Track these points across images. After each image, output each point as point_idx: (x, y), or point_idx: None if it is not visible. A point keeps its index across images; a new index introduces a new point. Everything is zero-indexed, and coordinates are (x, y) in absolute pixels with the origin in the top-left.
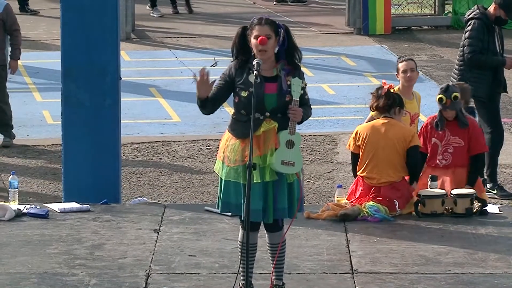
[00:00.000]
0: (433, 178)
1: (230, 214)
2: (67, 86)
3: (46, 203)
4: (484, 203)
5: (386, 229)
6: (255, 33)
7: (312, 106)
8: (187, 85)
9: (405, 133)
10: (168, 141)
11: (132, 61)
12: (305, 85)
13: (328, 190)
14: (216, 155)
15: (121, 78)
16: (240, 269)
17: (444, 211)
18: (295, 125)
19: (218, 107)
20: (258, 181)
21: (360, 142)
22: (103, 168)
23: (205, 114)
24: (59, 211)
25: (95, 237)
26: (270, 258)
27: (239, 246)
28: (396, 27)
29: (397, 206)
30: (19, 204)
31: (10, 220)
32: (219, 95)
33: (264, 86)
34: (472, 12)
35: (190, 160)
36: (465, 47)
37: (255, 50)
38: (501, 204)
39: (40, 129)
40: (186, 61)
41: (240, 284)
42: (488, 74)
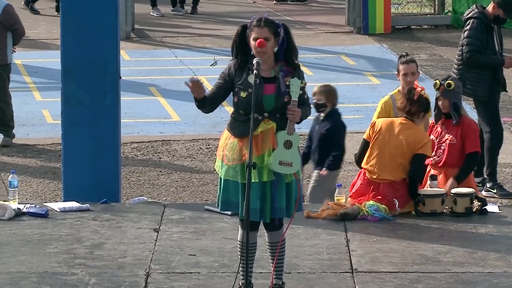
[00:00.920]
0: (433, 178)
1: (230, 213)
2: (67, 86)
3: (46, 202)
4: (484, 202)
5: (386, 228)
6: (254, 35)
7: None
8: None
9: (417, 138)
10: (168, 140)
11: (132, 60)
12: (305, 84)
13: None
14: (216, 153)
15: (121, 78)
16: (240, 268)
17: (444, 211)
18: (294, 126)
19: (217, 106)
20: (256, 180)
21: (373, 134)
22: (103, 167)
23: (205, 113)
24: (59, 210)
25: (95, 237)
26: (269, 257)
27: (238, 245)
28: (396, 26)
29: (397, 206)
30: (19, 203)
31: (10, 219)
32: (218, 94)
33: (263, 87)
34: (471, 11)
35: (190, 159)
36: (463, 47)
37: (254, 51)
38: (500, 203)
39: (40, 128)
40: (186, 60)
41: (240, 283)
42: (487, 73)
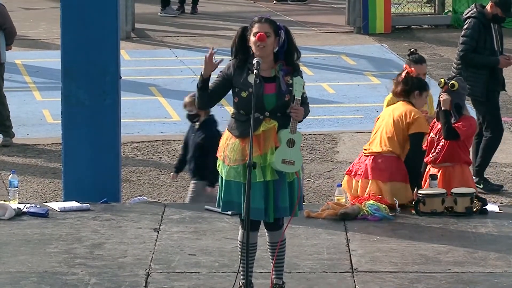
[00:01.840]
0: (433, 177)
1: (230, 213)
2: (67, 85)
3: (46, 202)
4: (484, 202)
5: (386, 228)
6: (255, 30)
7: (312, 105)
8: (187, 84)
9: (404, 112)
10: (168, 140)
11: (132, 60)
12: (304, 83)
13: (328, 189)
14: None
15: (121, 77)
16: (240, 268)
17: (444, 210)
18: (296, 124)
19: (214, 103)
20: (260, 180)
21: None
22: (103, 167)
23: (201, 106)
24: (59, 210)
25: (95, 236)
26: (270, 257)
27: (239, 245)
28: (396, 26)
29: (397, 205)
30: (19, 203)
31: (10, 219)
32: (216, 90)
33: (264, 86)
34: (470, 11)
35: None
36: (459, 45)
37: (254, 48)
38: (501, 203)
39: (40, 128)
40: (186, 60)
41: (240, 283)
42: (484, 73)
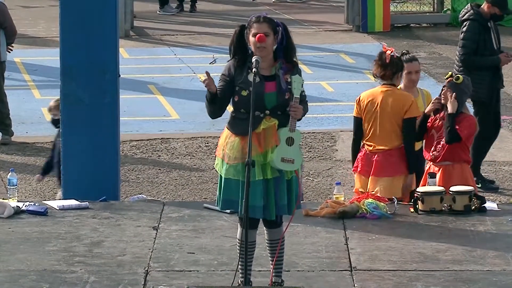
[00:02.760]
0: (432, 175)
1: (229, 212)
2: (66, 84)
3: (45, 200)
4: (482, 200)
5: (384, 227)
6: (254, 31)
7: (310, 104)
8: (186, 83)
9: (401, 103)
10: (167, 138)
11: (131, 58)
12: (303, 81)
13: (327, 188)
14: (216, 152)
15: (120, 76)
16: (239, 266)
17: (443, 208)
18: (295, 122)
19: (225, 108)
20: (260, 178)
21: (361, 110)
22: (102, 165)
23: (213, 116)
24: (58, 208)
25: (94, 234)
26: (269, 255)
27: (237, 243)
28: (395, 25)
29: (395, 203)
30: (18, 201)
31: (9, 217)
32: (223, 96)
33: (264, 85)
34: (466, 12)
35: (189, 157)
36: (459, 49)
37: (253, 48)
38: (499, 201)
39: (39, 126)
40: (185, 58)
41: (239, 281)
42: (488, 74)
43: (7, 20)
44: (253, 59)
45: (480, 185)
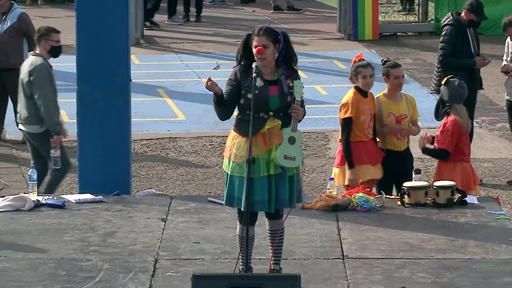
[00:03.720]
0: (417, 172)
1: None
2: (82, 88)
3: (62, 194)
4: (464, 194)
5: (374, 218)
6: (254, 43)
7: (306, 106)
8: (191, 86)
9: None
10: (175, 137)
11: (141, 64)
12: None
13: (321, 183)
14: (221, 151)
15: (131, 80)
16: (240, 256)
17: (427, 202)
18: (297, 123)
19: (233, 110)
20: (265, 174)
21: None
22: (115, 162)
23: (222, 118)
24: (74, 202)
25: (107, 226)
26: (269, 244)
27: (238, 239)
28: (383, 33)
29: (383, 197)
30: (37, 195)
31: (30, 210)
32: (230, 99)
33: (268, 88)
34: (447, 18)
35: (195, 155)
36: (438, 51)
37: (255, 57)
38: (479, 195)
39: None
40: (191, 64)
41: (240, 268)
42: (463, 74)
43: (31, 29)
44: (253, 65)
45: None
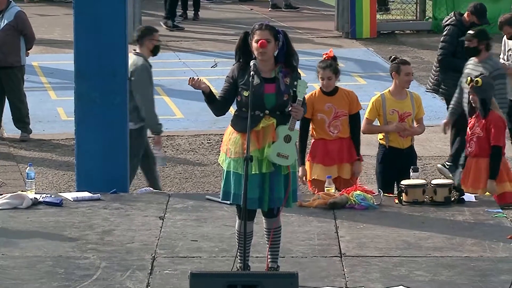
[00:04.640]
0: (415, 170)
1: (229, 203)
2: (80, 86)
3: (60, 192)
4: (461, 192)
5: (371, 216)
6: (256, 37)
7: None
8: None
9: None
10: (172, 135)
11: None
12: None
13: None
14: (218, 148)
15: (129, 78)
16: (238, 253)
17: (425, 200)
18: (295, 122)
19: (229, 107)
20: (256, 172)
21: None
22: (113, 160)
23: (217, 114)
24: (72, 200)
25: (105, 224)
26: (266, 242)
27: (236, 234)
28: (381, 31)
29: (381, 195)
30: (35, 193)
31: (28, 208)
32: (227, 96)
33: (264, 86)
34: (449, 19)
35: (192, 153)
36: (438, 50)
37: (256, 53)
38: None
39: (55, 124)
40: (188, 62)
41: (238, 266)
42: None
43: (27, 28)
44: (251, 63)
45: (448, 167)
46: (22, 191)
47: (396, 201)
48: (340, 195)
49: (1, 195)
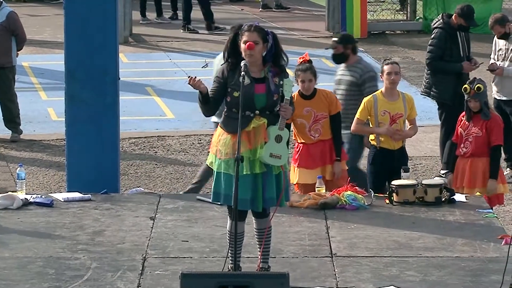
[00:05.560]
0: (405, 170)
1: (220, 203)
2: (70, 86)
3: (51, 193)
4: (452, 192)
5: (362, 217)
6: (244, 38)
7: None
8: (180, 85)
9: None
10: (163, 136)
11: (130, 62)
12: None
13: None
14: (209, 149)
15: (119, 79)
16: (229, 254)
17: (416, 200)
18: (285, 122)
19: (218, 107)
20: (248, 172)
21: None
22: (103, 160)
23: (207, 114)
24: (62, 200)
25: (96, 224)
26: (257, 242)
27: (227, 234)
28: (372, 32)
29: (372, 195)
30: (26, 193)
31: (18, 208)
32: (217, 96)
33: (254, 87)
34: (437, 21)
35: (183, 153)
36: (426, 54)
37: (243, 54)
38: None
39: (45, 125)
40: (179, 62)
41: (229, 267)
42: (451, 78)
43: (19, 28)
44: (242, 63)
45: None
46: (12, 192)
47: (387, 201)
48: (331, 195)
49: None
